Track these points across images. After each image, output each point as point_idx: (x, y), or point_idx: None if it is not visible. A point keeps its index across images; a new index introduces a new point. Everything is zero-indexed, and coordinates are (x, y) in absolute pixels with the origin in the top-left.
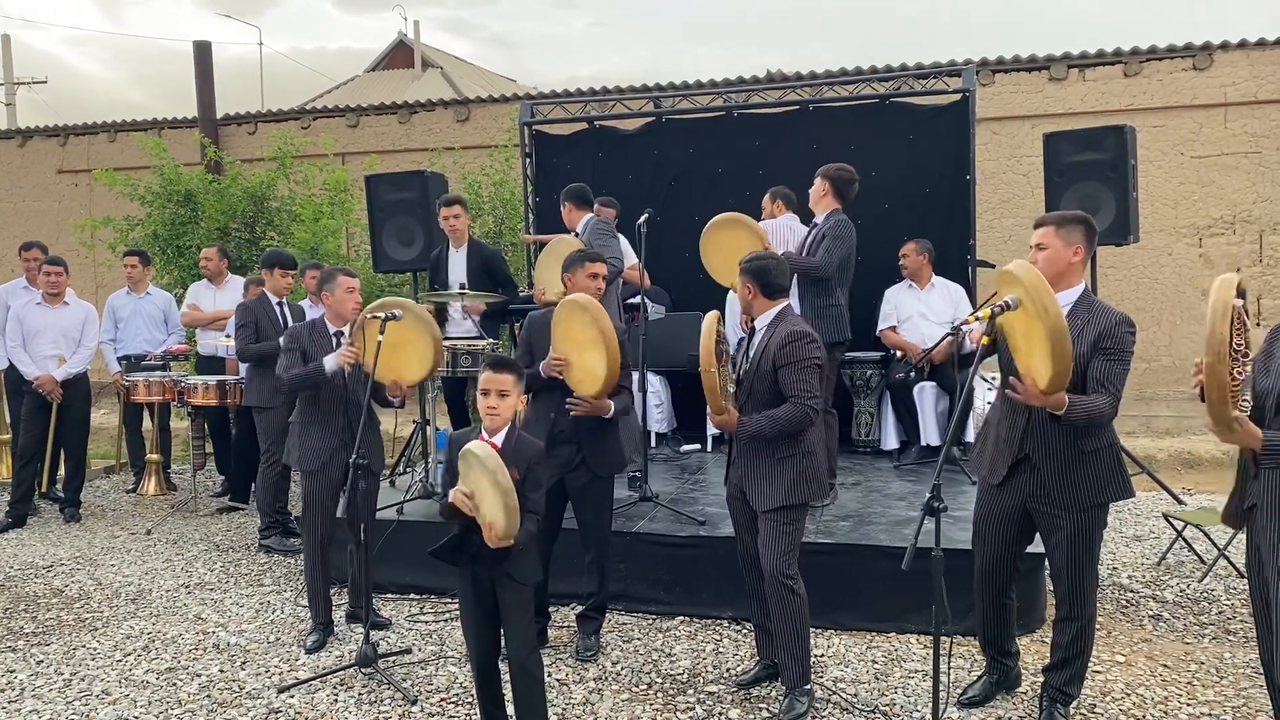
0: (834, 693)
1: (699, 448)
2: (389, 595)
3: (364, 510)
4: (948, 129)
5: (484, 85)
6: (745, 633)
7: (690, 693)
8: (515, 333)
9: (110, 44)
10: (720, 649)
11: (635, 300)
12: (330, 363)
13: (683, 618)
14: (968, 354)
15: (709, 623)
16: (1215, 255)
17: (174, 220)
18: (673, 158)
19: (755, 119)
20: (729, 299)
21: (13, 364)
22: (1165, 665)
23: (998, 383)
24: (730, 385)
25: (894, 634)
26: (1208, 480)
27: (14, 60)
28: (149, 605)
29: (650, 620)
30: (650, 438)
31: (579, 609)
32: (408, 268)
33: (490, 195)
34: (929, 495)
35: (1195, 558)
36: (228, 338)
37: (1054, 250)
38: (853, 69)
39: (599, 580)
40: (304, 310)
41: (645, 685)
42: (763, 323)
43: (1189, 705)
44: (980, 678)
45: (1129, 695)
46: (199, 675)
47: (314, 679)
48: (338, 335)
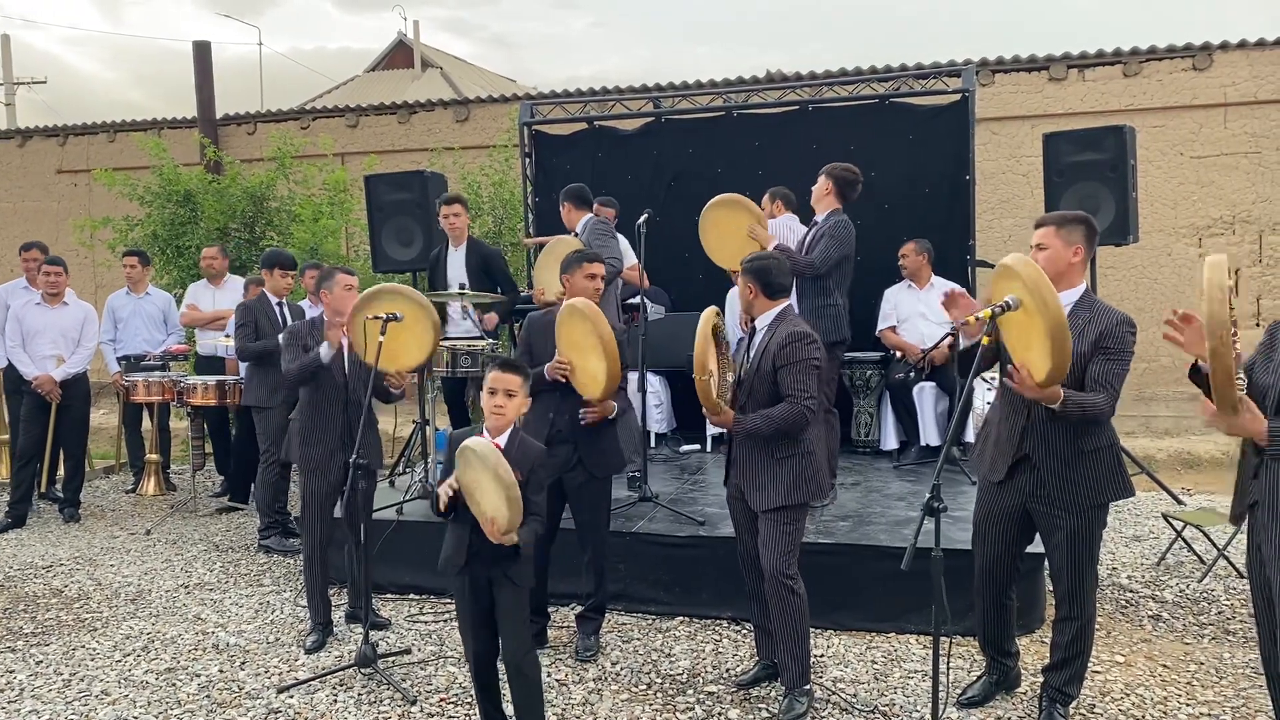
0: (833, 693)
1: (699, 448)
2: (388, 595)
3: (362, 510)
4: (947, 129)
5: (484, 85)
6: (745, 633)
7: (690, 693)
8: (515, 333)
9: (110, 44)
10: (720, 649)
11: (635, 300)
12: (325, 349)
13: (682, 618)
14: (964, 350)
15: (708, 623)
16: None
17: (173, 220)
18: (672, 158)
19: (755, 119)
20: (729, 297)
21: (12, 364)
22: (1165, 665)
23: (997, 382)
24: (730, 376)
25: (894, 634)
26: (1207, 480)
27: (14, 60)
28: (148, 605)
29: (650, 620)
30: (650, 438)
31: (578, 609)
32: (407, 268)
33: (490, 195)
34: (929, 495)
35: (1195, 558)
36: (227, 338)
37: (1054, 250)
38: (852, 69)
39: (597, 581)
40: (303, 310)
41: (645, 685)
42: (764, 323)
43: (1188, 705)
44: (980, 678)
45: (1128, 695)
46: (198, 675)
47: (313, 679)
48: None
